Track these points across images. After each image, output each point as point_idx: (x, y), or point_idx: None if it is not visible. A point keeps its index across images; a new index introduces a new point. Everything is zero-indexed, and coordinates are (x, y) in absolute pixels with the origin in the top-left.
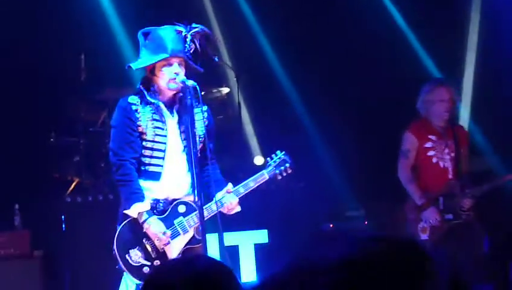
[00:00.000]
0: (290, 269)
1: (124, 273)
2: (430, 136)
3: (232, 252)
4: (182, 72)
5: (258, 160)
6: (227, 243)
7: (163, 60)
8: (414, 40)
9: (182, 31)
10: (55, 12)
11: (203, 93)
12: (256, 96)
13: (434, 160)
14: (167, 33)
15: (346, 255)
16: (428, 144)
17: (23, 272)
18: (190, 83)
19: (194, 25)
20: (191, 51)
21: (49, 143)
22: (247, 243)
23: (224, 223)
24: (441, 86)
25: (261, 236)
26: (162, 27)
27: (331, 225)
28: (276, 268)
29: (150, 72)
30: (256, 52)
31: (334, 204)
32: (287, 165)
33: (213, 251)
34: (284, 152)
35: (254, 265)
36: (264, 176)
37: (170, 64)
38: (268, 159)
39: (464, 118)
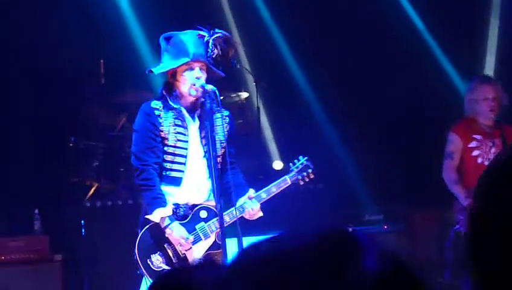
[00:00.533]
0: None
1: (144, 277)
2: (474, 136)
3: None
4: (203, 76)
5: (277, 164)
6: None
7: (185, 64)
8: (434, 44)
9: (204, 36)
10: (74, 18)
11: (222, 98)
12: (275, 100)
13: (479, 160)
14: (189, 38)
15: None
16: (473, 144)
17: (43, 277)
18: (209, 87)
19: (216, 30)
20: (213, 56)
21: (69, 147)
22: None
23: (243, 227)
24: (485, 83)
25: None
26: (184, 32)
27: (350, 229)
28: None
29: (172, 76)
30: (275, 57)
31: (353, 208)
32: (309, 170)
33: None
34: (306, 158)
35: None
36: (287, 181)
37: (192, 69)
38: (290, 164)
39: None
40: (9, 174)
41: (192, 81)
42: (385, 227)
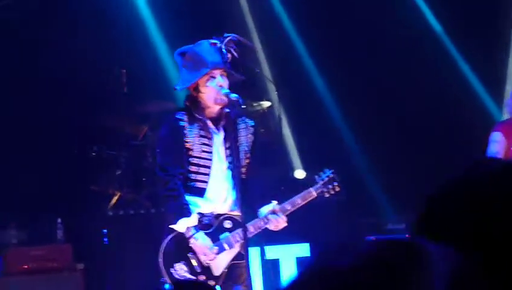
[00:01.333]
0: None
1: (166, 286)
2: None
3: (273, 266)
4: (226, 83)
5: (299, 173)
6: (268, 256)
7: (206, 74)
8: (455, 51)
9: (216, 43)
10: (97, 28)
11: (244, 106)
12: (297, 109)
13: None
14: (203, 48)
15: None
16: None
17: (65, 285)
18: (233, 96)
19: (226, 34)
20: (229, 60)
21: (91, 157)
22: (289, 256)
23: (265, 237)
24: None
25: (303, 250)
26: (196, 43)
27: (373, 239)
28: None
29: (194, 90)
30: (297, 65)
31: (375, 217)
32: (335, 183)
33: (255, 265)
34: (332, 170)
35: None
36: (312, 193)
37: (214, 77)
38: (315, 176)
39: None
40: (32, 183)
41: (217, 89)
42: (407, 236)
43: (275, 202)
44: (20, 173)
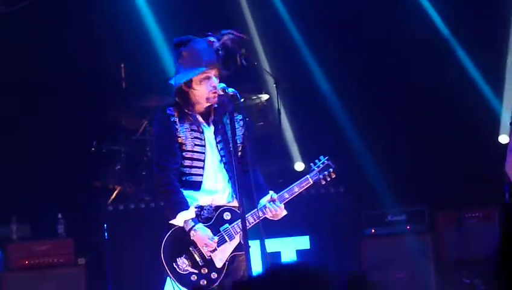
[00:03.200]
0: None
1: (167, 280)
2: None
3: (274, 259)
4: (217, 83)
5: (299, 166)
6: (269, 249)
7: (201, 73)
8: (459, 48)
9: (213, 42)
10: (95, 22)
11: (242, 100)
12: (296, 102)
13: None
14: (200, 46)
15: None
16: None
17: (67, 280)
18: (231, 90)
19: (223, 32)
20: (222, 57)
21: (91, 152)
22: (289, 249)
23: (266, 229)
24: None
25: (303, 242)
26: (195, 40)
27: (373, 230)
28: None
29: (186, 85)
30: (296, 58)
31: (375, 209)
32: (331, 170)
33: (255, 257)
34: (327, 157)
35: None
36: (308, 180)
37: (208, 78)
38: (311, 164)
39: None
40: (32, 179)
41: (209, 89)
42: (408, 227)
43: (272, 192)
44: (21, 168)
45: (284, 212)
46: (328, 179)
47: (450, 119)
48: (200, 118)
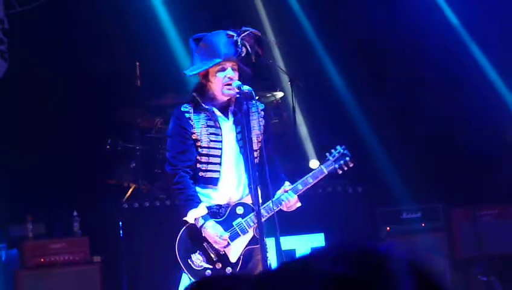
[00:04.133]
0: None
1: (182, 276)
2: None
3: (289, 256)
4: (235, 76)
5: (314, 163)
6: (284, 246)
7: (217, 64)
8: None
9: (233, 36)
10: (110, 21)
11: (257, 97)
12: (310, 100)
13: None
14: (219, 38)
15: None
16: None
17: (82, 278)
18: (246, 88)
19: (244, 28)
20: (243, 54)
21: (106, 150)
22: (304, 246)
23: (281, 227)
24: None
25: (318, 240)
26: (214, 32)
27: (388, 228)
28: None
29: (204, 78)
30: (310, 56)
31: (390, 206)
32: (347, 158)
33: (270, 254)
34: (343, 146)
35: None
36: (323, 171)
37: (224, 69)
38: (327, 154)
39: None
40: (47, 177)
41: (224, 81)
42: (423, 225)
43: (287, 183)
44: (36, 166)
45: (298, 204)
46: (345, 168)
47: (466, 116)
48: (217, 112)
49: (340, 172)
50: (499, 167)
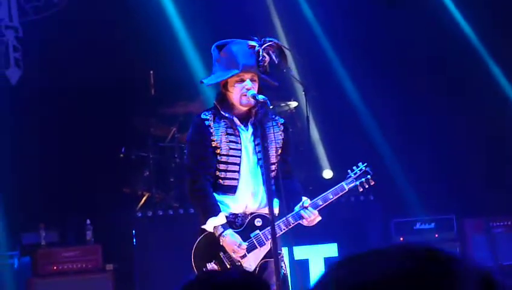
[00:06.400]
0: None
1: None
2: None
3: (302, 266)
4: (254, 87)
5: (327, 173)
6: (297, 257)
7: (235, 75)
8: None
9: (255, 46)
10: (124, 29)
11: (271, 107)
12: (324, 109)
13: None
14: (240, 48)
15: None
16: None
17: (95, 286)
18: (261, 97)
19: (267, 39)
20: (265, 64)
21: (120, 158)
22: (317, 256)
23: (294, 237)
24: None
25: (331, 250)
26: (236, 41)
27: (401, 239)
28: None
29: (223, 87)
30: (325, 66)
31: (404, 217)
32: (369, 177)
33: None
34: (365, 164)
35: None
36: (344, 188)
37: (242, 81)
38: (348, 171)
39: None
40: (61, 185)
41: (242, 92)
42: (436, 236)
43: (305, 198)
44: (50, 174)
45: (319, 218)
46: (366, 186)
47: (480, 127)
48: (237, 121)
49: (361, 190)
50: None
